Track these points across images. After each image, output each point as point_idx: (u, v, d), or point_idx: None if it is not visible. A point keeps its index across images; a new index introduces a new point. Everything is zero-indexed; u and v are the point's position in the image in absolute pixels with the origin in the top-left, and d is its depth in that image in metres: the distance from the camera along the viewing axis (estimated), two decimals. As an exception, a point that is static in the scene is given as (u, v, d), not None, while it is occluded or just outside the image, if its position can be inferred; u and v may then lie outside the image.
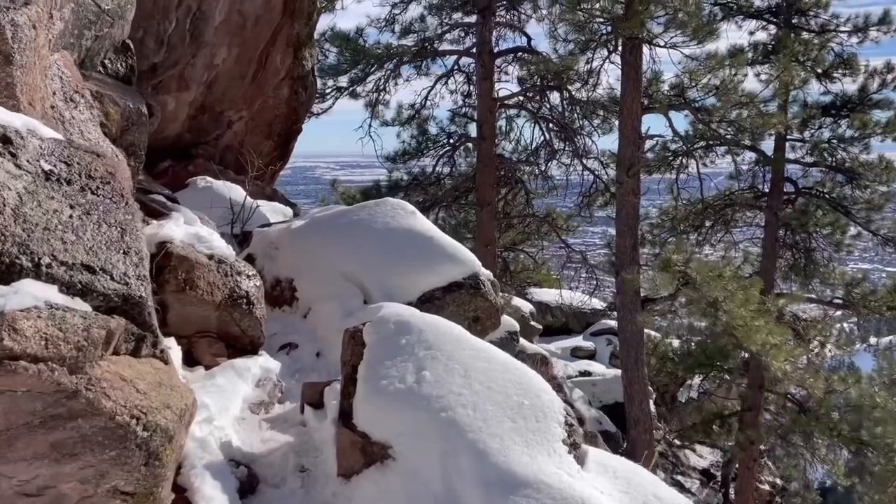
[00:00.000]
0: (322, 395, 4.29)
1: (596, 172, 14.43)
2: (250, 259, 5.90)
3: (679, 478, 14.14)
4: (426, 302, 5.24)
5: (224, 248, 4.59)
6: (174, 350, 4.15)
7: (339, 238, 5.83)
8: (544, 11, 13.61)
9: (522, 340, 9.43)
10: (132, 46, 4.68)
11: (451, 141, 14.91)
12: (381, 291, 5.28)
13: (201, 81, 10.36)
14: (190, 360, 4.38)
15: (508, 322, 6.60)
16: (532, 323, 14.27)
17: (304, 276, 5.67)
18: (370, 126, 14.30)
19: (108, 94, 4.16)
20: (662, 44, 10.66)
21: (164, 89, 9.87)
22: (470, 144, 14.80)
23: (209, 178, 9.39)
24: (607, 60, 11.53)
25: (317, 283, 5.56)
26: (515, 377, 3.71)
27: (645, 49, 10.82)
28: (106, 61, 4.54)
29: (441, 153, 14.82)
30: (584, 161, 14.26)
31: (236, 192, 9.00)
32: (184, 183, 9.63)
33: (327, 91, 14.02)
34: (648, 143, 12.17)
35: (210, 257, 4.44)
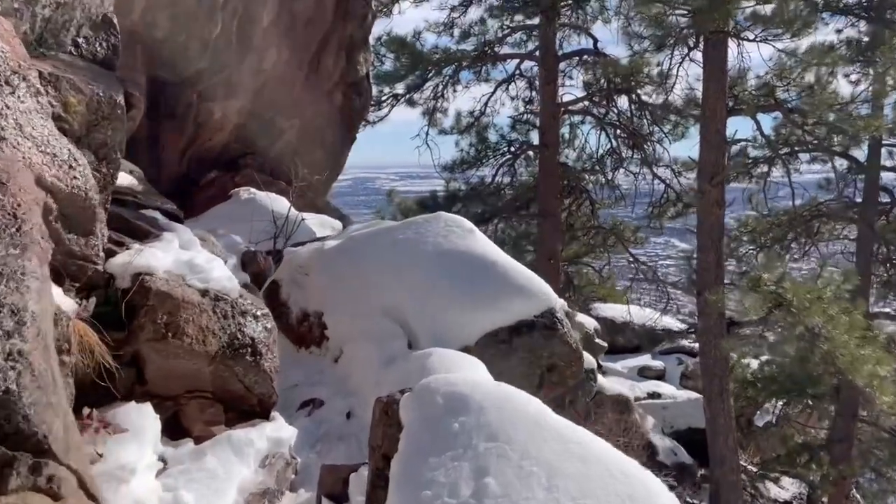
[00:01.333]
0: (346, 483, 3.02)
1: (667, 181, 12.90)
2: (275, 286, 4.67)
3: (759, 512, 12.40)
4: (487, 347, 3.89)
5: (225, 280, 3.36)
6: (150, 420, 2.93)
7: (380, 262, 4.52)
8: (612, 12, 12.22)
9: (600, 378, 7.95)
10: (115, 21, 3.50)
11: (512, 149, 13.93)
12: (429, 332, 3.95)
13: (249, 87, 9.39)
14: (176, 430, 3.15)
15: (585, 358, 5.28)
16: (597, 341, 12.77)
17: (337, 310, 4.39)
18: (427, 134, 13.24)
19: (67, 78, 2.97)
20: (751, 38, 9.06)
21: (209, 97, 8.95)
22: (531, 152, 13.72)
23: (253, 190, 8.34)
24: (686, 58, 9.99)
25: (351, 319, 4.27)
26: (626, 488, 2.34)
27: (730, 44, 9.24)
28: (80, 39, 3.37)
29: (501, 162, 13.86)
30: (655, 169, 12.78)
31: (281, 203, 7.96)
32: (228, 195, 8.68)
33: (383, 98, 13.01)
34: (732, 150, 10.55)
35: (204, 293, 3.22)
